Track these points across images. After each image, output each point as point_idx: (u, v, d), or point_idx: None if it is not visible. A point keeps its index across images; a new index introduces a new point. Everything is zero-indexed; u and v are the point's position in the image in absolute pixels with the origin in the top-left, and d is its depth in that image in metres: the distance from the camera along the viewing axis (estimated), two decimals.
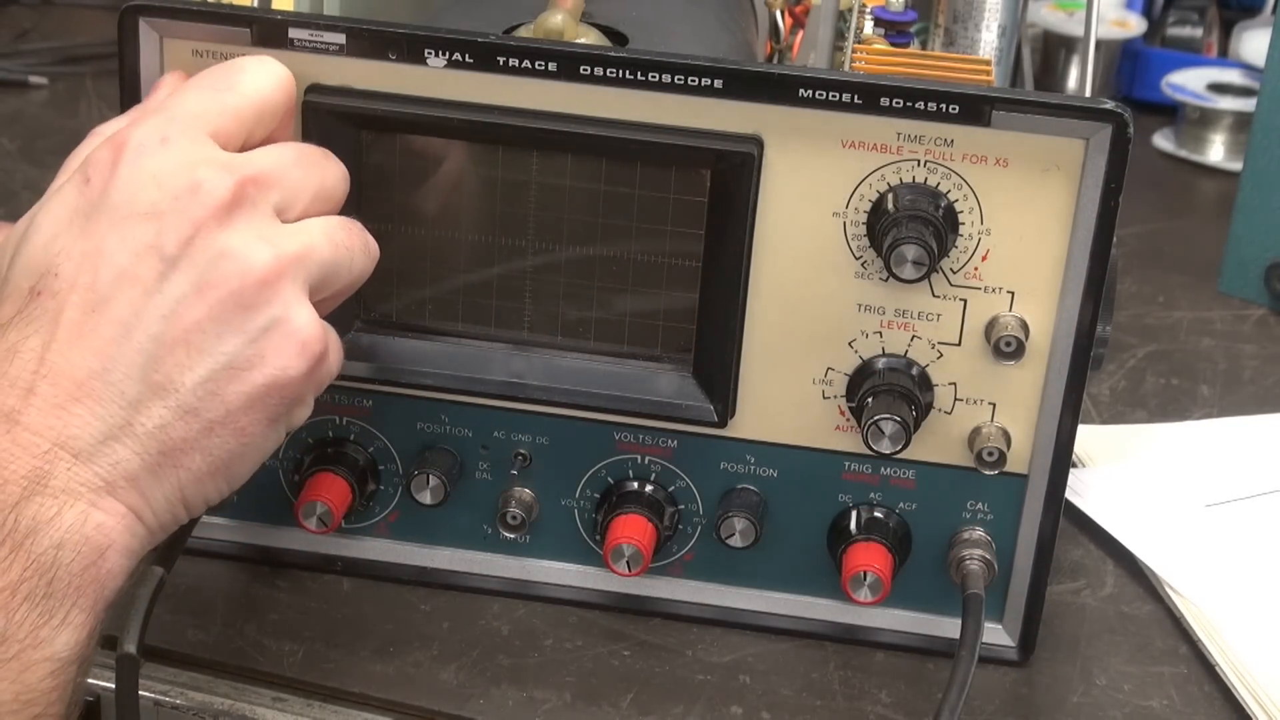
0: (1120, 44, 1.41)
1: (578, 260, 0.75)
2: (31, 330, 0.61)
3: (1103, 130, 0.69)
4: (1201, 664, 0.78)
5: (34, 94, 1.33)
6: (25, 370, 0.60)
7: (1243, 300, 1.12)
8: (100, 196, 0.63)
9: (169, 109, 0.66)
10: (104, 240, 0.62)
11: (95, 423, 0.60)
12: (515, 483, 0.79)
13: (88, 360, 0.61)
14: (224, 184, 0.63)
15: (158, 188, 0.63)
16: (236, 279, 0.62)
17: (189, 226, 0.62)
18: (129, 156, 0.63)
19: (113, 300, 0.61)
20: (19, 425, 0.60)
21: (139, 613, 0.68)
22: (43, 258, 0.63)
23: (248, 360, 0.63)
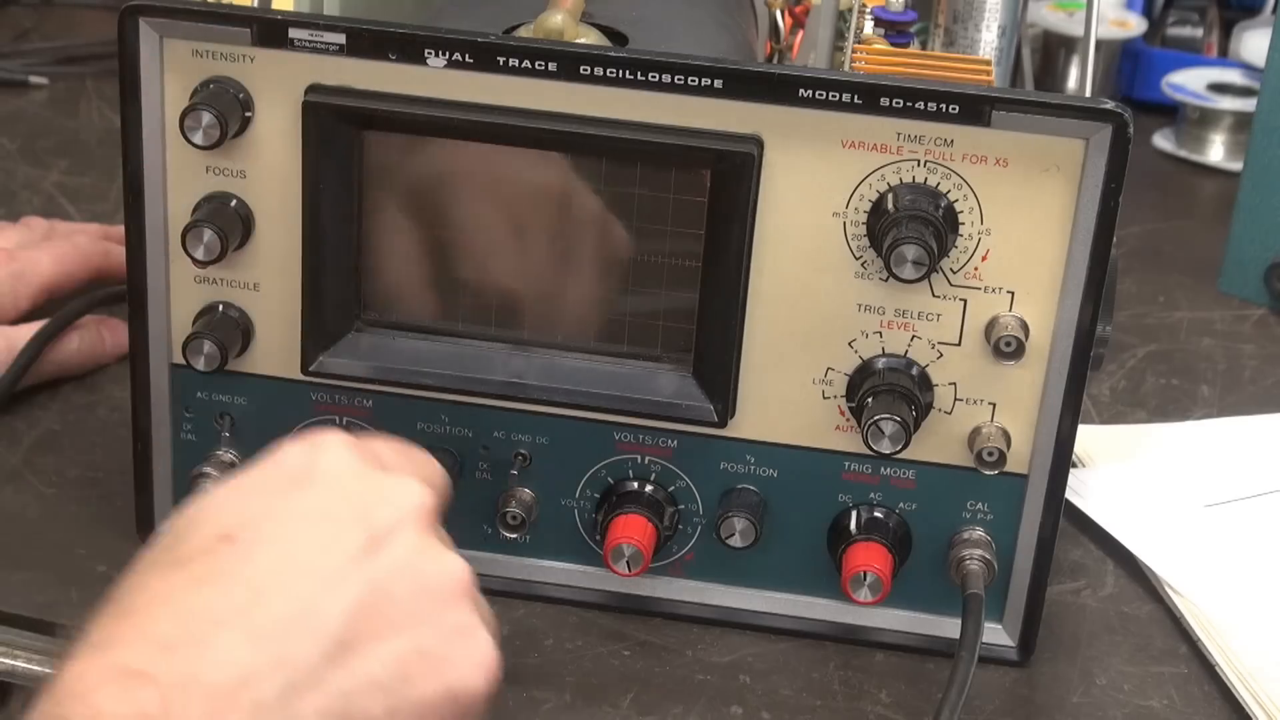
0: (1120, 44, 1.41)
1: (578, 260, 0.75)
2: (222, 569, 0.58)
3: (1103, 130, 0.69)
4: (1201, 664, 0.78)
5: (34, 94, 1.33)
6: (214, 599, 0.57)
7: (1243, 300, 1.12)
8: (297, 478, 0.62)
9: (361, 439, 0.66)
10: (306, 507, 0.61)
11: (284, 667, 0.56)
12: (515, 483, 0.79)
13: (277, 607, 0.57)
14: (425, 494, 0.63)
15: (364, 481, 0.62)
16: (437, 576, 0.61)
17: (395, 519, 0.61)
18: (328, 452, 0.63)
19: (313, 560, 0.59)
20: (201, 660, 0.55)
21: None
22: (234, 514, 0.60)
23: (438, 655, 0.60)
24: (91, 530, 0.82)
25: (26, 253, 0.95)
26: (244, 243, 0.75)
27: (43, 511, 0.83)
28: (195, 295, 0.77)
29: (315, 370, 0.77)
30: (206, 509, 0.61)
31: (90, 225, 1.04)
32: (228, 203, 0.75)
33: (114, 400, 0.92)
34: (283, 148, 0.74)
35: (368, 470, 0.63)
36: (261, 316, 0.77)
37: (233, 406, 0.79)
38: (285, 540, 0.59)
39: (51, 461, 0.87)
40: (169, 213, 0.76)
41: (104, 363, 0.95)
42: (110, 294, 0.96)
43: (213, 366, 0.76)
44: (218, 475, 0.78)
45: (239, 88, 0.73)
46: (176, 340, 0.77)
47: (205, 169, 0.75)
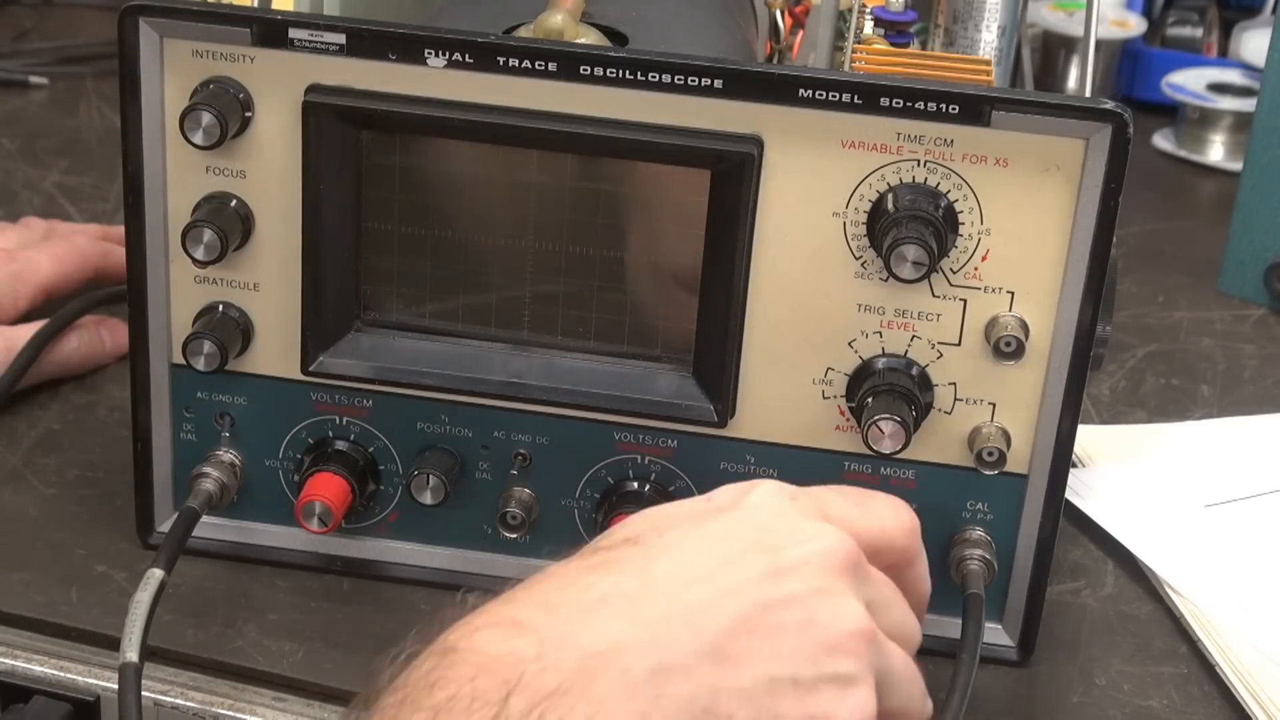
0: (1120, 44, 1.41)
1: (578, 260, 0.75)
2: (622, 556, 0.60)
3: (1103, 130, 0.69)
4: (1201, 664, 0.78)
5: (34, 94, 1.33)
6: (605, 581, 0.59)
7: (1243, 300, 1.12)
8: (722, 508, 0.63)
9: (810, 488, 0.67)
10: (718, 529, 0.62)
11: (658, 650, 0.57)
12: (515, 483, 0.79)
13: (664, 602, 0.58)
14: (843, 543, 0.63)
15: (781, 519, 0.63)
16: (830, 618, 0.61)
17: (800, 557, 0.61)
18: (760, 489, 0.64)
19: (710, 573, 0.60)
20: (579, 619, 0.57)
21: (139, 618, 0.68)
22: (648, 524, 0.62)
23: (810, 689, 0.60)
24: (91, 530, 0.82)
25: (25, 253, 0.95)
26: (244, 243, 0.75)
27: (43, 511, 0.83)
28: (195, 295, 0.77)
29: (315, 370, 0.77)
30: (628, 520, 0.64)
31: (89, 226, 1.04)
32: (228, 203, 0.75)
33: (114, 400, 0.92)
34: (283, 148, 0.74)
35: (789, 512, 0.64)
36: (261, 316, 0.77)
37: (233, 406, 0.79)
38: (687, 550, 0.61)
39: (51, 461, 0.87)
40: (169, 213, 0.76)
41: (104, 363, 0.95)
42: (110, 294, 0.96)
43: (213, 366, 0.76)
44: (218, 475, 0.78)
45: (239, 88, 0.73)
46: (176, 340, 0.77)
47: (205, 169, 0.75)
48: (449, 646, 0.56)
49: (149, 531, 0.81)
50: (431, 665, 0.55)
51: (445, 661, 0.55)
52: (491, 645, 0.55)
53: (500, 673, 0.54)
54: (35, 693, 0.75)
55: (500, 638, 0.56)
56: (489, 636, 0.56)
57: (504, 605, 0.57)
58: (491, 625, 0.56)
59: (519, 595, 0.58)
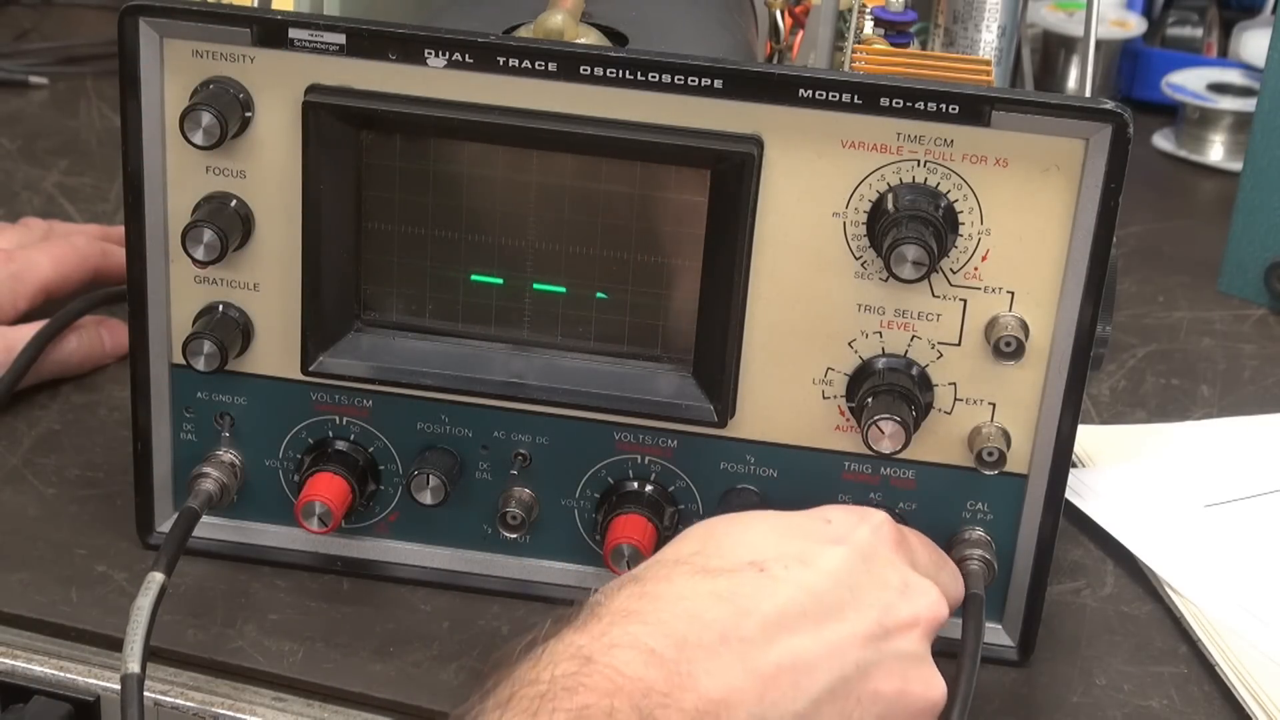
0: (1120, 44, 1.41)
1: (578, 260, 0.75)
2: (746, 594, 0.63)
3: (1103, 130, 0.69)
4: (1201, 664, 0.78)
5: (34, 94, 1.33)
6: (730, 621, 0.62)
7: (1243, 300, 1.12)
8: (838, 536, 0.67)
9: (903, 530, 0.71)
10: (837, 566, 0.65)
11: (762, 702, 0.61)
12: (515, 483, 0.79)
13: (787, 644, 0.62)
14: (944, 607, 0.68)
15: (894, 568, 0.67)
16: (922, 690, 0.65)
17: (910, 617, 0.66)
18: (873, 524, 0.68)
19: (825, 619, 0.63)
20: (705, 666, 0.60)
21: (140, 626, 0.68)
22: (770, 546, 0.65)
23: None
24: (91, 530, 0.82)
25: (25, 253, 0.95)
26: (244, 243, 0.75)
27: (43, 511, 0.83)
28: (195, 295, 0.77)
29: (315, 370, 0.77)
30: (745, 531, 0.67)
31: (89, 226, 1.04)
32: (228, 203, 0.75)
33: (114, 400, 0.92)
34: (283, 148, 0.74)
35: (900, 560, 0.68)
36: (261, 316, 0.77)
37: (233, 406, 0.79)
38: (806, 591, 0.64)
39: (51, 461, 0.87)
40: (169, 213, 0.76)
41: (104, 363, 0.95)
42: (110, 294, 0.96)
43: (213, 366, 0.76)
44: (218, 475, 0.78)
45: (239, 88, 0.73)
46: (176, 340, 0.77)
47: (205, 169, 0.75)
48: (587, 655, 0.59)
49: (149, 531, 0.81)
50: (572, 670, 0.58)
51: (585, 670, 0.58)
52: (628, 667, 0.59)
53: (634, 698, 0.58)
54: (35, 693, 0.75)
55: (636, 662, 0.59)
56: (626, 658, 0.59)
57: (636, 625, 0.60)
58: (628, 647, 0.59)
59: (648, 614, 0.61)
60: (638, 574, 0.64)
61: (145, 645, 0.67)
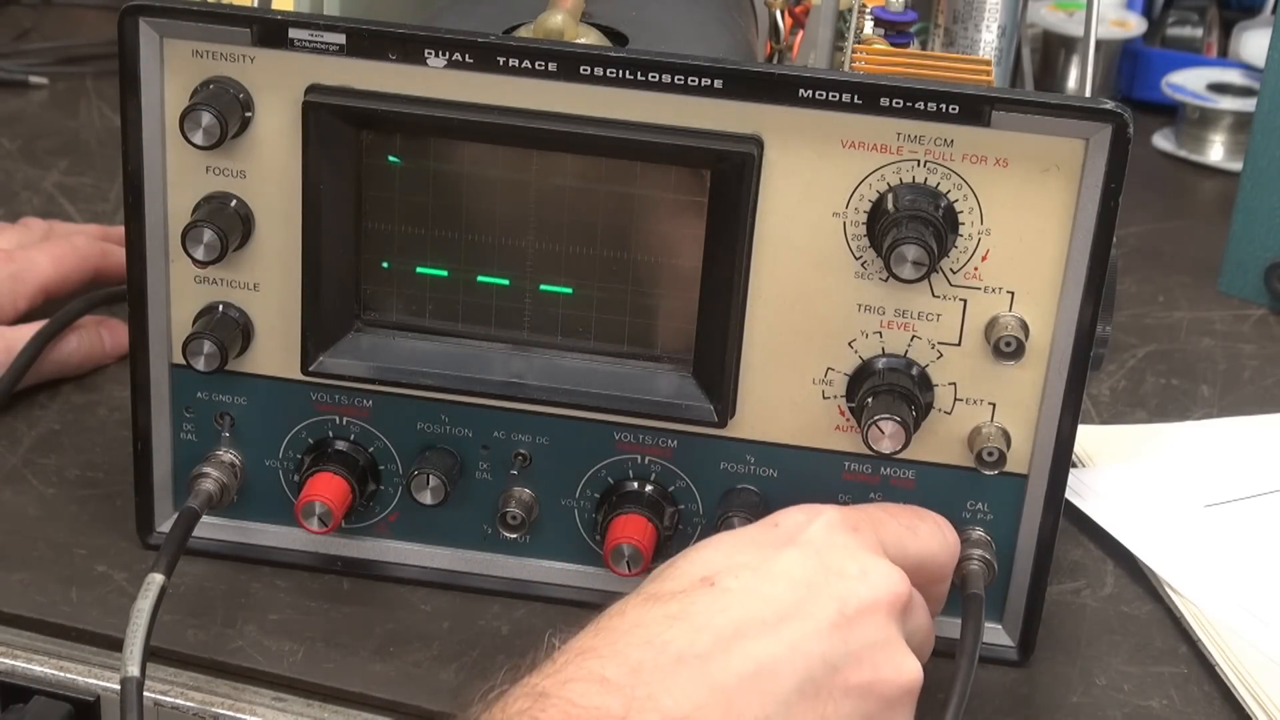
0: (1120, 44, 1.41)
1: (578, 260, 0.75)
2: (696, 609, 0.62)
3: (1103, 130, 0.69)
4: (1201, 664, 0.78)
5: (34, 94, 1.33)
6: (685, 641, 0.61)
7: (1243, 300, 1.12)
8: (788, 537, 0.66)
9: (864, 509, 0.70)
10: (789, 567, 0.65)
11: (728, 716, 0.60)
12: (515, 483, 0.79)
13: (744, 654, 0.61)
14: (904, 584, 0.67)
15: (850, 555, 0.66)
16: (893, 674, 0.64)
17: (871, 601, 0.65)
18: (824, 518, 0.67)
19: (782, 621, 0.63)
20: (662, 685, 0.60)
21: (140, 628, 0.68)
22: (720, 560, 0.65)
23: None
24: (91, 530, 0.82)
25: (25, 253, 0.95)
26: (244, 243, 0.75)
27: (43, 511, 0.83)
28: (195, 295, 0.77)
29: (315, 370, 0.77)
30: (697, 552, 0.66)
31: (89, 226, 1.04)
32: (228, 203, 0.75)
33: (114, 400, 0.92)
34: (283, 148, 0.74)
35: (857, 545, 0.67)
36: (261, 316, 0.77)
37: (233, 406, 0.79)
38: (759, 598, 0.63)
39: (51, 461, 0.87)
40: (169, 213, 0.76)
41: (104, 363, 0.95)
42: (110, 294, 0.96)
43: (213, 366, 0.76)
44: (218, 475, 0.78)
45: (239, 88, 0.73)
46: (176, 340, 0.77)
47: (205, 169, 0.75)
48: (541, 691, 0.59)
49: (149, 531, 0.81)
50: (525, 706, 0.58)
51: (538, 705, 0.58)
52: (583, 698, 0.58)
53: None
54: (35, 693, 0.75)
55: (591, 692, 0.59)
56: (580, 690, 0.59)
57: (591, 660, 0.60)
58: (582, 679, 0.59)
59: (603, 648, 0.61)
60: (596, 618, 0.64)
61: (145, 648, 0.67)
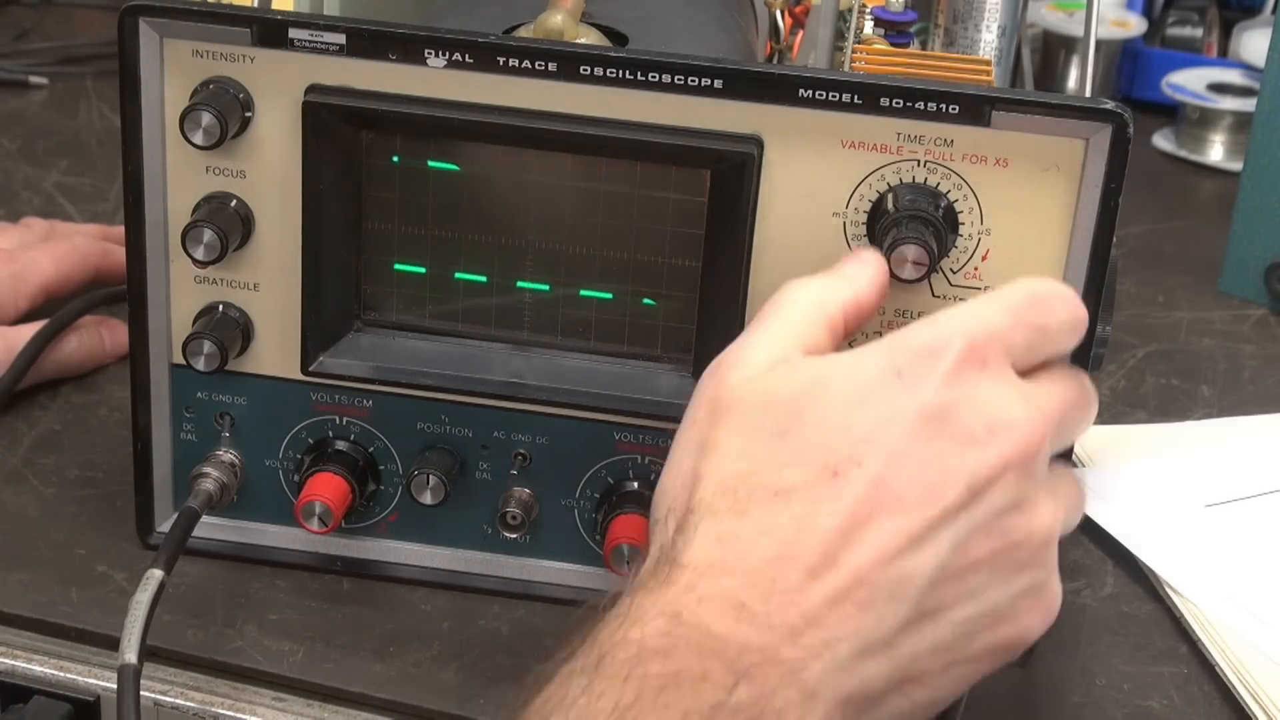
0: (1120, 44, 1.41)
1: (578, 260, 0.75)
2: (824, 509, 0.59)
3: (1103, 130, 0.69)
4: (1201, 664, 0.78)
5: (34, 94, 1.33)
6: (812, 549, 0.59)
7: (1243, 300, 1.12)
8: (914, 397, 0.61)
9: (990, 325, 0.63)
10: (919, 450, 0.60)
11: (865, 629, 0.59)
12: (515, 483, 0.79)
13: (873, 558, 0.59)
14: (1038, 431, 0.62)
15: (977, 411, 0.61)
16: (1023, 535, 0.62)
17: (1000, 467, 0.61)
18: (951, 361, 0.61)
19: (911, 512, 0.60)
20: (797, 606, 0.58)
21: (139, 619, 0.68)
22: (843, 436, 0.60)
23: (1005, 614, 0.62)
24: (91, 530, 0.82)
25: (26, 253, 0.95)
26: (244, 243, 0.75)
27: (43, 511, 0.83)
28: (195, 295, 0.77)
29: (315, 370, 0.77)
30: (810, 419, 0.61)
31: (90, 226, 1.04)
32: (228, 203, 0.75)
33: (114, 400, 0.92)
34: (283, 148, 0.74)
35: (981, 394, 0.61)
36: (261, 316, 0.77)
37: (233, 406, 0.79)
38: (887, 492, 0.60)
39: (51, 461, 0.87)
40: (169, 213, 0.76)
41: (104, 363, 0.95)
42: (110, 294, 0.96)
43: (213, 366, 0.76)
44: (218, 475, 0.78)
45: (239, 88, 0.73)
46: (176, 340, 0.77)
47: (205, 169, 0.75)
48: (675, 612, 0.57)
49: (149, 531, 0.81)
50: (662, 629, 0.57)
51: (674, 630, 0.56)
52: (718, 625, 0.57)
53: (727, 658, 0.56)
54: (35, 693, 0.75)
55: (727, 619, 0.57)
56: (715, 614, 0.57)
57: (725, 577, 0.58)
58: (717, 601, 0.57)
59: (733, 561, 0.58)
60: (711, 504, 0.60)
61: (143, 638, 0.68)
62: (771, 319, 0.66)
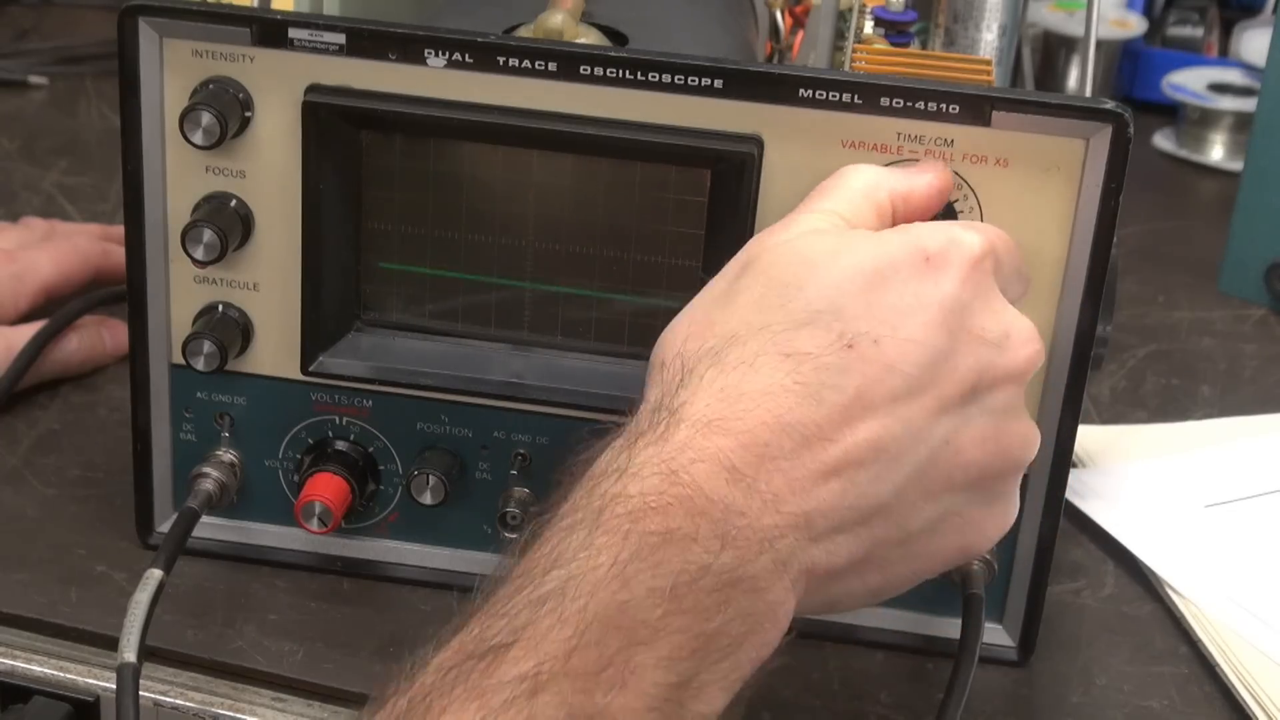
0: (1120, 44, 1.41)
1: (578, 260, 0.75)
2: (829, 381, 0.60)
3: (1103, 130, 0.69)
4: (1201, 664, 0.78)
5: (34, 94, 1.33)
6: (811, 419, 0.59)
7: (1243, 300, 1.12)
8: (935, 283, 0.62)
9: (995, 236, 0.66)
10: (936, 340, 0.61)
11: (843, 507, 0.59)
12: (515, 483, 0.79)
13: (869, 440, 0.60)
14: (1042, 352, 0.65)
15: (991, 313, 0.63)
16: (1013, 445, 0.64)
17: (1006, 372, 0.63)
18: (973, 254, 0.64)
19: (915, 399, 0.61)
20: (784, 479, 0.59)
21: (138, 619, 0.68)
22: (864, 316, 0.61)
23: (973, 519, 0.64)
24: (91, 530, 0.82)
25: (26, 253, 0.95)
26: (244, 243, 0.75)
27: (43, 511, 0.83)
28: (195, 295, 0.77)
29: (315, 370, 0.77)
30: (829, 280, 0.62)
31: (90, 226, 1.04)
32: (227, 203, 0.75)
33: (114, 400, 0.92)
34: (283, 148, 0.74)
35: (997, 294, 0.64)
36: (261, 316, 0.77)
37: (233, 406, 0.79)
38: (895, 372, 0.60)
39: (51, 461, 0.87)
40: (169, 213, 0.76)
41: (104, 363, 0.95)
42: (110, 294, 0.96)
43: (212, 366, 0.76)
44: (217, 475, 0.78)
45: (239, 88, 0.73)
46: (176, 340, 0.77)
47: (205, 169, 0.75)
48: (671, 470, 0.57)
49: (149, 531, 0.81)
50: (659, 487, 0.57)
51: (670, 489, 0.57)
52: (709, 486, 0.57)
53: (715, 519, 0.57)
54: (35, 693, 0.75)
55: (718, 479, 0.57)
56: (707, 474, 0.57)
57: (720, 437, 0.58)
58: (710, 462, 0.58)
59: (730, 420, 0.59)
60: (719, 353, 0.61)
61: (142, 637, 0.68)
62: (821, 195, 0.67)
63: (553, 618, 0.55)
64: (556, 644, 0.54)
